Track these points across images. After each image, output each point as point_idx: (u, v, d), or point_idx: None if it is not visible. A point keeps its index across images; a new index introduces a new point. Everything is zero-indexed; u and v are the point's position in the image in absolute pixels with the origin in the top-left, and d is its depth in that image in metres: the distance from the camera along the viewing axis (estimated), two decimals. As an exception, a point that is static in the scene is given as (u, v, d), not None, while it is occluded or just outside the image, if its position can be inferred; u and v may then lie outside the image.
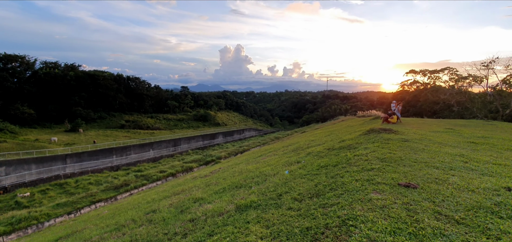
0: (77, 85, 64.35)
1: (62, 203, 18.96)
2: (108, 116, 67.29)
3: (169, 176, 25.66)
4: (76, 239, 7.96)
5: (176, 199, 9.45)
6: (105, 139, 49.39)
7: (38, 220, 16.33)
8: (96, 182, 29.34)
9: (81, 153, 36.82)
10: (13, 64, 58.87)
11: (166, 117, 76.62)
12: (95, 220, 11.29)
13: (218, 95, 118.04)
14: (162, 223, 6.36)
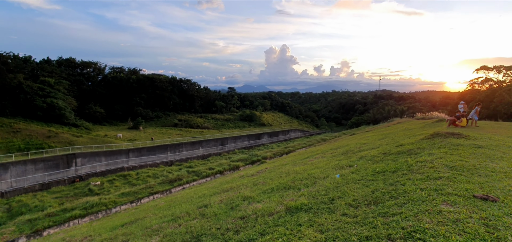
0: (138, 87, 71.80)
1: (126, 193, 21.35)
2: (163, 115, 73.52)
3: (217, 173, 26.84)
4: (138, 226, 8.85)
5: (226, 196, 9.81)
6: (161, 136, 54.04)
7: (107, 206, 18.67)
8: (153, 175, 32.29)
9: (141, 148, 40.93)
10: (88, 69, 68.52)
11: (214, 117, 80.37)
12: (153, 210, 12.41)
13: (263, 96, 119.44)
14: (214, 218, 6.67)
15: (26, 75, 47.93)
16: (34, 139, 37.96)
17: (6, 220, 19.50)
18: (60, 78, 54.51)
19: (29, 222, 16.21)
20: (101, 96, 64.34)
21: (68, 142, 40.00)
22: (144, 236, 6.90)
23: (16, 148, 34.82)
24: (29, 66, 52.04)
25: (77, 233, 10.67)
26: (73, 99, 52.77)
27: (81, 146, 37.77)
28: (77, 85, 59.29)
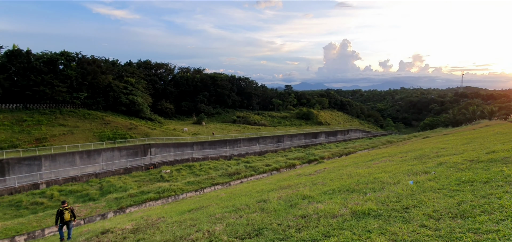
0: (202, 86, 77.53)
1: (191, 182, 23.39)
2: (223, 112, 77.80)
3: (274, 170, 27.13)
4: (203, 213, 9.57)
5: (284, 193, 9.83)
6: (221, 131, 57.37)
7: (175, 192, 20.78)
8: (214, 167, 34.54)
9: (204, 142, 44.18)
10: (160, 70, 77.05)
11: (271, 115, 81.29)
12: (215, 200, 13.27)
13: (321, 94, 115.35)
14: (274, 214, 6.74)
15: (114, 76, 56.71)
16: (119, 130, 44.75)
17: (99, 197, 23.52)
18: (139, 78, 62.85)
19: (116, 200, 19.23)
20: (171, 94, 71.71)
21: (145, 133, 45.87)
22: (209, 223, 7.41)
23: (106, 137, 41.62)
24: (116, 68, 61.48)
25: (152, 214, 12.15)
26: (149, 97, 60.23)
27: (155, 138, 42.84)
28: (152, 84, 67.46)
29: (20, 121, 38.60)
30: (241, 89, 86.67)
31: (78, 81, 48.17)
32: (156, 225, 9.00)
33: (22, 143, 34.41)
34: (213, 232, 6.19)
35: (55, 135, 38.25)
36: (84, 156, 32.95)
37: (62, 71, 47.80)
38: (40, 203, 22.03)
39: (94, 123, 44.39)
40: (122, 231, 8.63)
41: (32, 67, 44.53)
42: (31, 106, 43.18)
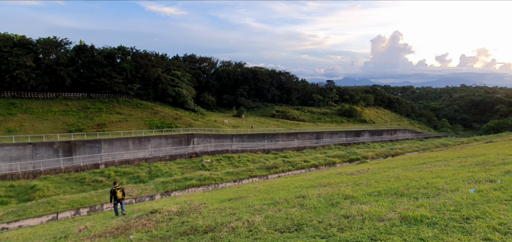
0: (242, 80, 78.94)
1: (230, 172, 24.14)
2: (262, 106, 78.32)
3: (312, 167, 26.57)
4: (242, 203, 9.82)
5: (324, 190, 9.56)
6: (259, 125, 57.93)
7: (215, 181, 21.67)
8: (252, 160, 35.12)
9: (243, 134, 45.12)
10: (204, 64, 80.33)
11: (311, 110, 79.41)
12: (253, 191, 13.50)
13: (366, 90, 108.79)
14: (313, 211, 6.60)
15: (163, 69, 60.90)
16: (166, 120, 48.11)
17: (147, 180, 25.68)
18: (185, 71, 66.48)
19: (162, 183, 20.81)
20: (213, 87, 74.49)
21: (188, 124, 48.54)
22: (248, 213, 7.57)
23: (155, 126, 45.10)
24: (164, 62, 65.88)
25: (194, 199, 12.87)
26: (193, 89, 63.44)
27: (197, 128, 45.07)
28: (196, 77, 70.85)
29: (85, 108, 43.83)
30: (281, 84, 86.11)
31: (132, 73, 52.77)
32: (198, 210, 9.50)
33: (86, 127, 39.10)
34: (253, 223, 6.30)
35: (113, 121, 42.63)
36: (136, 141, 36.18)
37: (119, 65, 52.79)
38: (100, 181, 24.88)
39: (144, 112, 48.35)
40: (169, 213, 9.30)
41: (95, 60, 50.03)
42: (94, 96, 48.67)
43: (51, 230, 10.28)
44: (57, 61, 45.51)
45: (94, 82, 48.29)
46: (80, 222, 11.34)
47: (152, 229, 7.46)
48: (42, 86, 43.65)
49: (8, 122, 35.81)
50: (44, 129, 36.39)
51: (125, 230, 7.70)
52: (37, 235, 9.64)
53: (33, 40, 45.67)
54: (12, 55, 40.42)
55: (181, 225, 7.42)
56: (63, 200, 16.01)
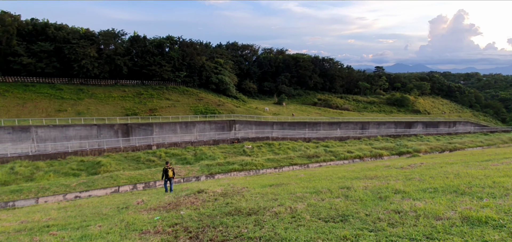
0: (283, 67, 77.95)
1: (271, 159, 24.44)
2: (304, 93, 76.64)
3: (356, 158, 25.43)
4: (284, 190, 9.91)
5: (370, 183, 9.12)
6: (300, 113, 57.04)
7: (256, 167, 22.18)
8: (292, 148, 34.95)
9: (283, 122, 44.98)
10: (246, 51, 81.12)
11: (356, 99, 75.31)
12: (294, 179, 13.50)
13: (421, 77, 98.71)
14: (360, 203, 6.37)
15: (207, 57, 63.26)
16: (210, 106, 50.29)
17: (193, 162, 27.40)
18: (227, 59, 68.12)
19: (207, 166, 22.04)
20: (254, 74, 75.10)
21: (231, 110, 50.04)
22: (290, 200, 7.63)
23: (200, 111, 47.51)
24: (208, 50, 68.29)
25: (237, 182, 13.39)
26: (235, 76, 64.88)
27: (239, 115, 46.22)
28: (238, 64, 72.14)
29: (139, 94, 48.03)
30: (324, 71, 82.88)
31: (179, 62, 55.91)
32: (241, 193, 9.88)
33: (140, 112, 42.94)
34: (295, 209, 6.34)
35: (163, 107, 46.05)
36: (183, 126, 38.65)
37: (168, 53, 56.30)
38: (152, 160, 27.34)
39: (190, 98, 51.14)
40: (214, 193, 9.85)
41: (147, 50, 54.10)
42: (146, 83, 52.94)
43: (114, 201, 11.72)
44: (115, 51, 50.33)
45: (146, 70, 52.38)
46: (138, 195, 12.69)
47: (200, 207, 8.00)
48: (104, 74, 48.86)
49: (78, 105, 41.13)
50: (106, 112, 40.99)
51: (176, 206, 8.40)
52: (103, 204, 11.09)
53: (95, 33, 51.06)
54: (79, 46, 45.83)
55: (226, 206, 7.81)
56: (123, 176, 18.03)
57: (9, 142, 29.62)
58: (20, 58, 42.05)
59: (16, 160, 25.16)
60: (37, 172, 22.53)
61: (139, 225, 6.34)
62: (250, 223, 5.76)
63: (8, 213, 11.22)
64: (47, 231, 6.84)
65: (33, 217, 9.33)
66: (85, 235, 5.84)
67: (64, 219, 8.47)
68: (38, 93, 41.20)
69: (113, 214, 8.41)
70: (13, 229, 7.72)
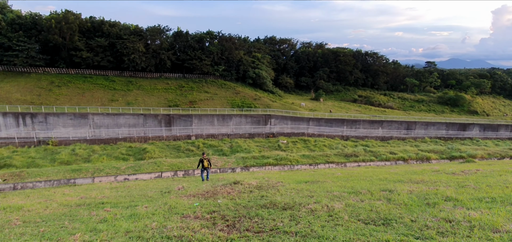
0: (322, 61, 75.56)
1: (306, 155, 24.03)
2: (343, 90, 73.62)
3: (399, 160, 23.74)
4: (320, 187, 9.70)
5: (416, 187, 8.47)
6: (339, 110, 54.96)
7: (291, 162, 22.02)
8: (329, 145, 33.91)
9: (320, 118, 43.81)
10: (283, 46, 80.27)
11: (401, 96, 70.10)
12: (331, 177, 13.12)
13: (480, 74, 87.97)
14: (404, 207, 5.97)
15: (245, 52, 64.15)
16: (246, 100, 51.06)
17: (229, 153, 28.18)
18: (265, 53, 68.25)
19: (242, 159, 22.51)
20: (291, 69, 74.12)
21: (267, 104, 50.21)
22: (327, 198, 7.44)
23: (236, 105, 48.54)
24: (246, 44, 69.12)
25: (271, 176, 13.47)
26: (272, 71, 64.82)
27: (275, 110, 46.17)
28: (275, 59, 71.85)
29: (180, 86, 50.67)
30: (367, 66, 78.44)
31: (218, 56, 57.59)
32: (276, 187, 9.92)
33: (181, 103, 45.33)
34: (332, 208, 6.18)
35: (202, 99, 48.01)
36: (220, 118, 39.90)
37: (207, 48, 58.31)
38: (191, 150, 28.78)
39: (227, 92, 52.46)
40: (249, 185, 10.05)
41: (188, 45, 56.68)
42: (187, 76, 55.58)
43: (158, 185, 12.64)
44: (160, 46, 53.64)
45: (188, 64, 54.96)
46: (178, 182, 13.50)
47: (235, 197, 8.24)
48: (150, 67, 52.48)
49: (127, 96, 44.87)
50: (151, 103, 44.09)
51: (213, 195, 8.77)
52: (148, 187, 12.03)
53: (143, 29, 54.91)
54: (129, 41, 49.75)
55: (261, 199, 7.92)
56: (165, 163, 19.32)
57: (70, 126, 33.60)
58: (81, 52, 47.13)
59: (76, 143, 28.47)
60: (93, 154, 25.24)
61: (180, 209, 6.76)
62: (285, 217, 5.77)
63: (70, 189, 12.79)
64: (102, 207, 7.66)
65: (90, 194, 10.51)
66: (134, 214, 6.42)
67: (115, 198, 9.39)
68: (94, 84, 45.87)
69: (157, 197, 9.08)
70: (75, 203, 8.79)
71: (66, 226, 5.71)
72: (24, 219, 6.78)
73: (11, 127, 31.77)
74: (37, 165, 21.51)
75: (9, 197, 10.68)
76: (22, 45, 43.02)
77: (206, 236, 4.72)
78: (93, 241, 4.56)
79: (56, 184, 15.88)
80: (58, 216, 6.96)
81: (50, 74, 45.85)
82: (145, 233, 4.94)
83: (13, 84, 41.29)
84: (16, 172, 16.92)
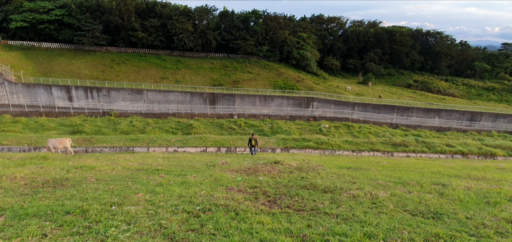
0: (374, 42, 70.01)
1: (349, 141, 23.19)
2: (396, 73, 67.83)
3: (458, 154, 21.47)
4: (363, 174, 9.43)
5: (475, 184, 7.72)
6: (389, 96, 51.07)
7: (332, 147, 21.51)
8: (375, 133, 32.10)
9: (367, 104, 41.37)
10: (331, 25, 76.08)
11: (467, 83, 62.04)
12: (375, 165, 12.58)
13: None
14: (458, 203, 5.55)
15: (290, 31, 62.55)
16: (289, 81, 50.43)
17: (270, 134, 28.59)
18: (311, 33, 65.67)
19: (282, 140, 22.70)
20: (338, 50, 70.26)
21: (309, 87, 48.97)
22: (370, 185, 7.25)
23: (278, 86, 48.30)
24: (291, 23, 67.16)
25: (312, 160, 13.44)
26: (317, 52, 62.37)
27: (318, 93, 44.86)
28: (321, 39, 68.69)
29: (224, 66, 52.06)
30: (427, 47, 70.57)
31: (262, 36, 57.27)
32: (316, 170, 9.93)
33: (225, 83, 46.76)
34: (376, 196, 6.04)
35: (245, 79, 48.83)
36: (262, 99, 40.33)
37: (252, 28, 58.25)
38: (233, 128, 29.91)
39: (270, 73, 52.35)
40: (289, 166, 10.24)
41: (233, 25, 57.30)
42: (231, 56, 56.71)
43: (203, 159, 13.60)
44: (207, 26, 55.27)
45: (232, 44, 55.88)
46: (221, 157, 14.32)
47: (276, 176, 8.51)
48: (197, 47, 54.70)
49: (176, 74, 47.80)
50: (198, 81, 46.37)
51: (254, 172, 9.17)
52: (195, 160, 13.02)
53: (192, 9, 56.92)
54: (179, 22, 52.20)
55: (301, 180, 8.05)
56: (209, 138, 20.51)
57: (128, 101, 37.36)
58: (136, 32, 51.12)
59: (134, 116, 31.68)
60: (147, 127, 27.90)
61: (224, 182, 7.27)
62: (326, 199, 5.84)
63: (129, 156, 14.50)
64: (157, 173, 8.62)
65: (146, 161, 11.82)
66: (185, 182, 7.11)
67: (168, 166, 10.43)
68: (148, 62, 49.73)
69: (203, 169, 9.83)
70: (135, 168, 10.01)
71: (129, 186, 6.62)
72: (96, 177, 8.01)
73: (82, 99, 36.59)
74: (103, 133, 24.64)
75: (83, 158, 12.60)
76: (88, 25, 48.28)
77: (249, 207, 5.07)
78: (153, 201, 5.24)
79: (118, 150, 18.10)
80: (123, 177, 8.05)
81: (111, 53, 50.94)
82: (195, 199, 5.49)
83: (82, 61, 46.99)
84: (87, 138, 19.68)
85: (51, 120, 28.81)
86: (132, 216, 4.45)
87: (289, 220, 4.51)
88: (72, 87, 36.39)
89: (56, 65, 44.69)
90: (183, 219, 4.40)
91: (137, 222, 4.20)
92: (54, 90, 35.94)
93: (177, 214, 4.61)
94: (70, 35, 49.25)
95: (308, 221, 4.49)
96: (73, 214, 4.49)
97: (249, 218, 4.51)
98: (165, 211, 4.72)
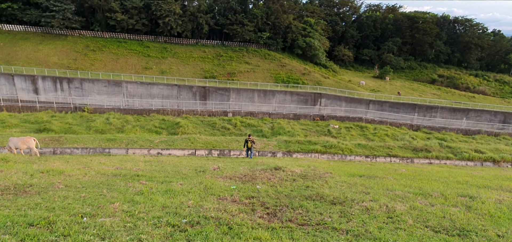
0: (393, 30, 70.27)
1: (362, 145, 23.29)
2: (418, 67, 68.14)
3: (488, 161, 21.62)
4: (378, 184, 9.46)
5: (507, 197, 7.79)
6: (410, 92, 51.29)
7: (343, 152, 21.59)
8: (392, 135, 32.22)
9: (383, 102, 41.52)
10: (343, 9, 76.23)
11: (500, 79, 62.45)
12: (392, 173, 12.64)
13: None
14: (488, 218, 5.59)
15: (295, 16, 62.67)
16: (293, 74, 50.53)
17: (270, 135, 28.64)
18: (319, 18, 65.84)
19: (285, 142, 22.75)
20: (351, 39, 70.51)
21: (317, 81, 49.09)
22: (386, 197, 7.27)
23: (281, 79, 48.40)
24: (297, 7, 67.31)
25: (318, 166, 13.47)
26: (326, 40, 62.57)
27: (326, 88, 44.98)
28: (331, 25, 68.93)
29: (218, 55, 52.05)
30: (454, 37, 70.96)
31: (262, 21, 57.28)
32: (323, 178, 9.95)
33: (218, 75, 46.76)
34: (393, 209, 6.05)
35: (241, 71, 48.86)
36: (261, 94, 40.36)
37: (251, 11, 58.24)
38: (227, 128, 29.92)
39: (272, 64, 52.41)
40: (292, 173, 10.24)
41: (229, 7, 57.26)
42: (226, 43, 56.70)
43: (192, 163, 13.60)
44: (198, 8, 55.18)
45: (227, 29, 55.85)
46: (213, 161, 14.32)
47: (276, 185, 8.51)
48: (186, 32, 54.62)
49: (161, 64, 47.73)
50: (186, 73, 46.32)
51: (251, 179, 9.17)
52: (182, 164, 13.02)
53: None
54: (165, 2, 52.06)
55: (306, 189, 8.06)
56: (199, 140, 20.50)
57: (105, 94, 37.26)
58: (115, 14, 50.94)
59: (110, 112, 31.60)
60: (127, 125, 27.85)
61: (216, 191, 7.26)
62: (334, 212, 5.84)
63: (105, 158, 14.47)
64: (137, 179, 8.60)
65: (125, 165, 11.80)
66: (169, 190, 7.10)
67: (150, 171, 10.41)
68: (128, 49, 49.59)
69: (192, 175, 9.82)
70: (111, 173, 9.98)
71: (105, 195, 6.59)
72: (65, 183, 7.97)
73: (50, 91, 36.43)
74: (74, 132, 24.55)
75: (50, 161, 12.54)
76: (59, 5, 48.03)
77: (245, 220, 5.06)
78: (132, 212, 5.22)
79: (92, 152, 18.05)
80: (97, 183, 8.02)
81: (85, 37, 50.75)
82: (182, 210, 5.47)
83: (51, 47, 46.78)
84: (55, 137, 19.60)
85: (13, 116, 28.67)
86: (107, 229, 4.43)
87: (291, 236, 4.51)
88: (38, 77, 36.20)
89: (20, 51, 44.46)
90: (167, 233, 4.39)
91: (112, 236, 4.19)
92: (17, 80, 35.75)
93: (160, 227, 4.60)
94: (36, 16, 48.97)
95: (313, 238, 4.49)
96: (37, 226, 4.46)
97: (245, 233, 4.50)
98: (146, 223, 4.70)
